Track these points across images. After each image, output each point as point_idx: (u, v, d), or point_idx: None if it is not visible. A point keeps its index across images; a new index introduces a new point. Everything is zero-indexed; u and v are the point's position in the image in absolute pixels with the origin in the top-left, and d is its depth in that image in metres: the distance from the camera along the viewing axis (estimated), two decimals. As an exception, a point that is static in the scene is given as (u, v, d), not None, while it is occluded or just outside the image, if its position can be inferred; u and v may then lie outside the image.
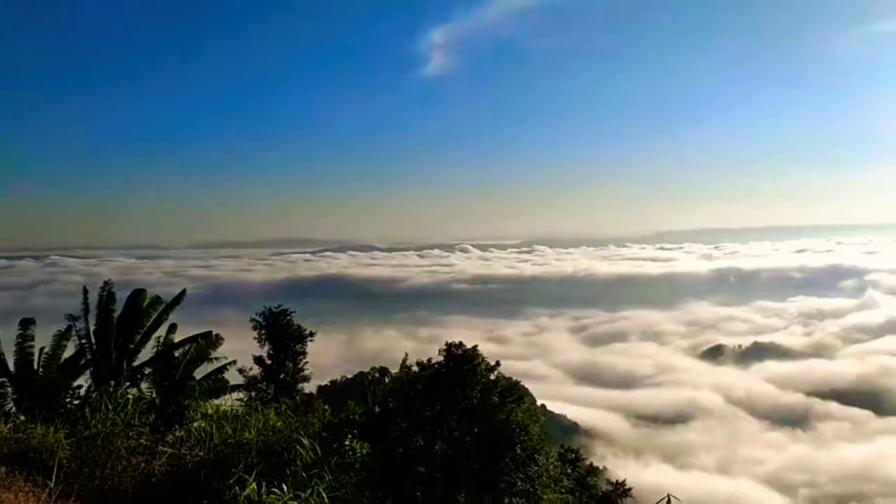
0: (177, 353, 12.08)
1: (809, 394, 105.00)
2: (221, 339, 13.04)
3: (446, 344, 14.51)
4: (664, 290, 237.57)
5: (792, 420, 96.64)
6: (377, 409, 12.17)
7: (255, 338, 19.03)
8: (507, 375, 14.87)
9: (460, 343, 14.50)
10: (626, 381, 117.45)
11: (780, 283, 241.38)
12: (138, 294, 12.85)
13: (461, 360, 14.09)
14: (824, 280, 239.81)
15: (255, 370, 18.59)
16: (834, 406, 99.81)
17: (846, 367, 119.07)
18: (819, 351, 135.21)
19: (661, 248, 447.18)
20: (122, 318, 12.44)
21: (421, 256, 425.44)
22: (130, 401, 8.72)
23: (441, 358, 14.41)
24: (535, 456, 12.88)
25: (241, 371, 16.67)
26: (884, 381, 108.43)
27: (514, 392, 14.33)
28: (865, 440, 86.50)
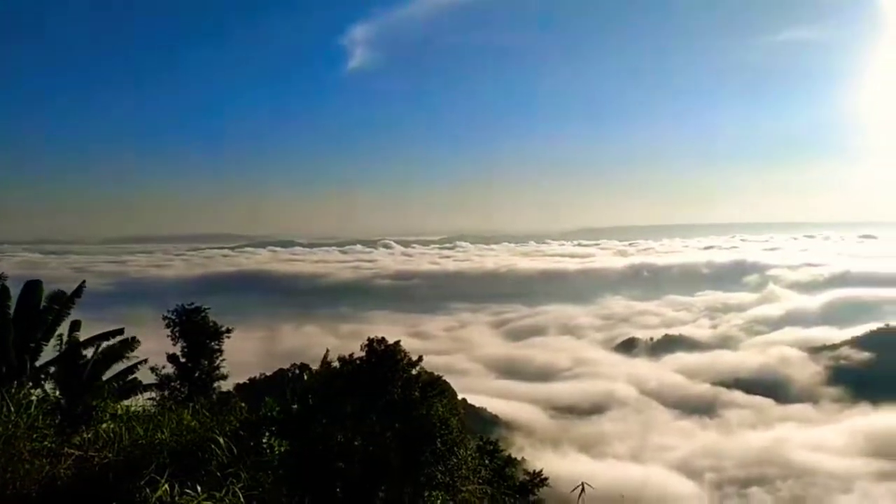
0: (85, 352, 11.57)
1: (716, 383, 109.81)
2: (137, 341, 12.56)
3: (368, 339, 14.41)
4: (582, 286, 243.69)
5: (700, 409, 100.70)
6: (296, 406, 12.00)
7: (168, 335, 18.41)
8: (428, 370, 14.89)
9: (383, 338, 14.36)
10: (544, 374, 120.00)
11: (689, 279, 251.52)
12: (34, 286, 12.18)
13: (383, 356, 14.05)
14: (729, 275, 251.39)
15: (169, 369, 17.99)
16: (738, 395, 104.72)
17: (749, 358, 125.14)
18: (724, 342, 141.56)
19: (579, 245, 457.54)
20: (18, 313, 11.79)
21: (343, 252, 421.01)
22: (34, 402, 8.32)
23: (363, 353, 14.35)
24: (455, 449, 12.93)
25: (153, 370, 16.09)
26: (783, 371, 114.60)
27: (435, 386, 14.35)
28: (767, 426, 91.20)
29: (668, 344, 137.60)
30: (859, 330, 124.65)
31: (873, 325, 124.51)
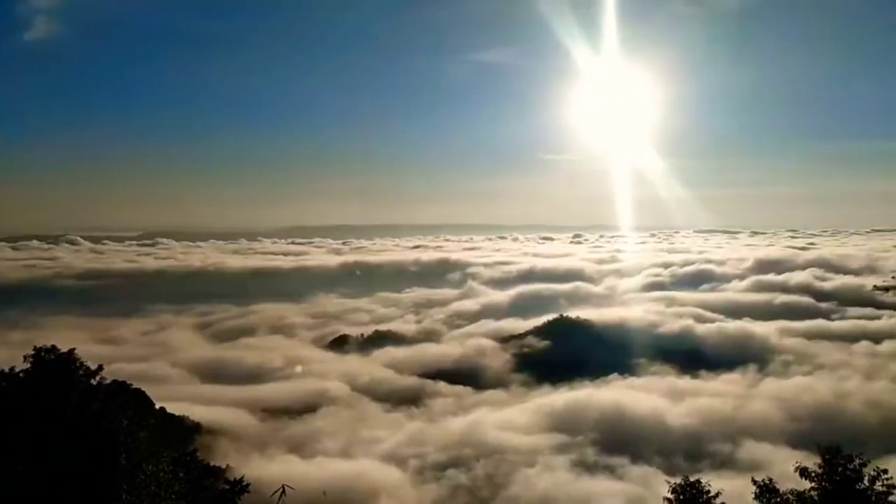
0: None
1: (422, 375, 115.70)
2: None
3: (35, 348, 12.68)
4: (294, 284, 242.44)
5: (407, 400, 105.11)
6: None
7: None
8: (120, 379, 13.47)
9: (53, 346, 12.76)
10: (254, 376, 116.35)
11: (399, 276, 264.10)
12: None
13: (54, 367, 12.35)
14: (435, 273, 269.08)
15: None
16: (442, 385, 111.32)
17: (450, 350, 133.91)
18: (428, 336, 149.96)
19: (293, 243, 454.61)
20: None
21: (14, 248, 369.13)
22: None
23: (28, 365, 12.54)
24: (144, 464, 11.77)
25: None
26: (479, 360, 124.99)
27: (120, 397, 12.98)
28: (465, 412, 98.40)
29: (378, 340, 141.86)
30: (540, 321, 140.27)
31: (550, 316, 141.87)
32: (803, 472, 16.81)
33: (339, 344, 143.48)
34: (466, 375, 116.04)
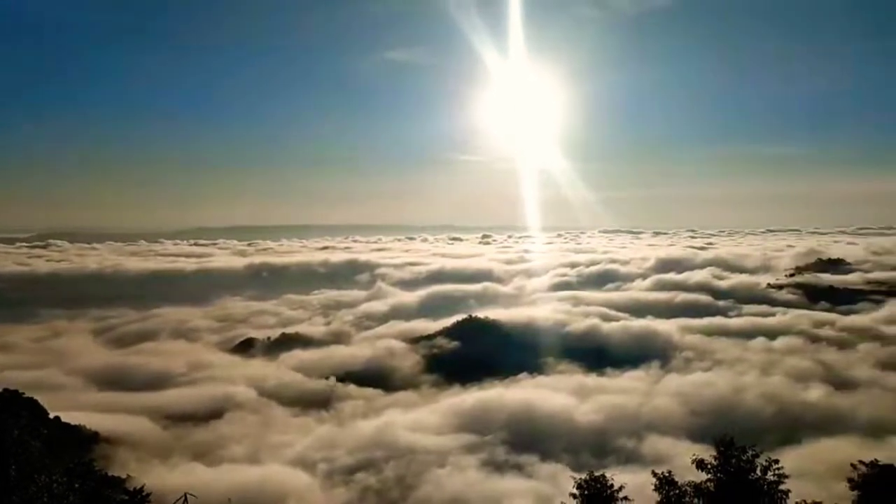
0: None
1: (330, 378, 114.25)
2: None
3: None
4: (198, 287, 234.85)
5: (316, 403, 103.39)
6: None
7: None
8: (10, 388, 12.65)
9: None
10: (156, 382, 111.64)
11: (307, 278, 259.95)
12: None
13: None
14: (343, 274, 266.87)
15: None
16: (352, 387, 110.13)
17: (359, 352, 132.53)
18: (337, 338, 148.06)
19: (196, 245, 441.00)
20: None
21: None
22: None
23: None
24: (36, 475, 11.10)
25: None
26: (389, 362, 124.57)
27: (11, 406, 12.22)
28: (375, 414, 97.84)
29: (286, 342, 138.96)
30: (449, 321, 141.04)
31: (459, 317, 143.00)
32: (700, 465, 17.61)
33: (245, 347, 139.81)
34: (376, 377, 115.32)
